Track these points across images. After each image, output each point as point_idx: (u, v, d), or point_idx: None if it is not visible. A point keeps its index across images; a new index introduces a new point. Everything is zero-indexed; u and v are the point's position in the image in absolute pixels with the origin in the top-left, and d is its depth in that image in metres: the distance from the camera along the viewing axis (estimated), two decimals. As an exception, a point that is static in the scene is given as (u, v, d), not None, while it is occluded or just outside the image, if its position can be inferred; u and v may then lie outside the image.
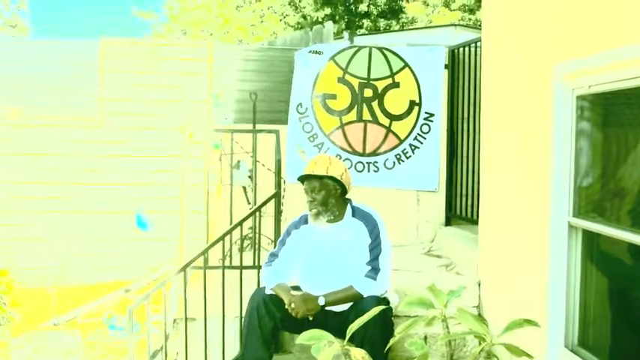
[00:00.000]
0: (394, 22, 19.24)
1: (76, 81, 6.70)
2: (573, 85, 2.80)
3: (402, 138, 5.50)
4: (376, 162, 5.51)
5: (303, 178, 3.56)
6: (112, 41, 6.53)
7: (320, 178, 3.48)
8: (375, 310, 2.51)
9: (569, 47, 2.79)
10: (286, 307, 3.35)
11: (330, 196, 3.49)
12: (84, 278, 6.46)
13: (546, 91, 2.96)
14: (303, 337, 2.31)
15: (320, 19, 17.92)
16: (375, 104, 5.49)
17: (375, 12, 18.91)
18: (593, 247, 2.78)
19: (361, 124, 5.51)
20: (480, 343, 2.42)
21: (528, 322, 2.39)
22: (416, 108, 5.49)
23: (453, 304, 2.69)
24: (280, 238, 3.74)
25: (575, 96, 2.81)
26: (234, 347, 3.80)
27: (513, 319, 2.49)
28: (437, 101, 5.48)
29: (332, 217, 3.52)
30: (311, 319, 3.32)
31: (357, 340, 2.93)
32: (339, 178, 3.49)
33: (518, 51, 3.49)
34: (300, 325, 3.23)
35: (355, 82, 5.51)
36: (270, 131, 4.25)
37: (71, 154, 6.42)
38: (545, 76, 2.98)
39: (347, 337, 2.34)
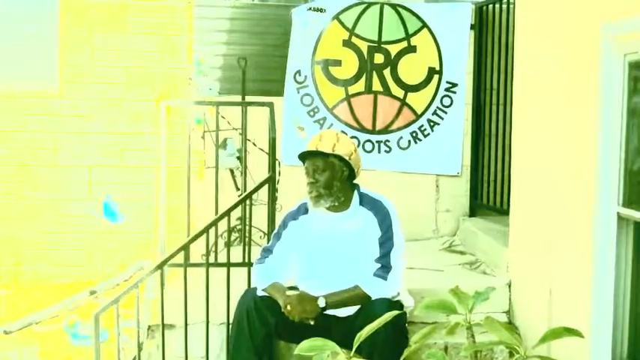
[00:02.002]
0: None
1: (29, 42, 6.66)
2: (625, 50, 2.78)
3: (419, 113, 5.50)
4: (388, 141, 5.50)
5: (304, 156, 3.55)
6: (74, -5, 6.47)
7: (325, 156, 3.47)
8: (387, 315, 2.51)
9: (621, 2, 2.77)
10: (282, 310, 3.36)
11: (336, 178, 3.48)
12: (41, 278, 6.46)
13: (592, 56, 2.94)
14: (303, 347, 2.31)
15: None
16: (387, 72, 5.49)
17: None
18: (648, 243, 2.78)
19: (370, 96, 5.51)
20: (510, 355, 2.42)
21: (569, 331, 2.39)
22: (435, 77, 5.49)
23: (479, 308, 2.69)
24: (275, 231, 3.74)
25: (628, 62, 2.79)
26: (220, 358, 3.81)
27: (551, 327, 2.49)
28: (461, 69, 5.47)
29: (336, 204, 3.52)
30: (312, 323, 3.33)
31: (365, 350, 2.93)
32: (346, 158, 3.48)
33: (558, 7, 3.47)
34: (298, 332, 3.23)
35: (364, 46, 5.50)
36: (262, 104, 4.24)
37: (24, 130, 6.38)
38: (591, 38, 2.96)
39: (354, 347, 2.34)
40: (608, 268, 2.86)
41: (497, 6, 5.23)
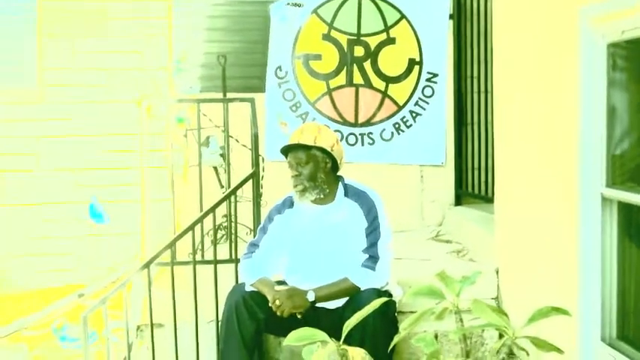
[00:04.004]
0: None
1: (8, 46, 6.60)
2: (604, 31, 2.77)
3: (401, 104, 5.50)
4: (371, 133, 5.50)
5: (286, 150, 3.54)
6: (51, -2, 6.42)
7: (307, 148, 3.46)
8: (376, 302, 2.49)
9: (598, -15, 2.77)
10: (270, 305, 3.34)
11: (319, 170, 3.48)
12: (29, 283, 6.41)
13: (571, 38, 2.94)
14: (292, 338, 2.29)
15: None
16: (367, 65, 5.48)
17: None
18: (632, 223, 2.77)
19: (352, 89, 5.50)
20: (500, 337, 2.41)
21: (557, 310, 2.38)
22: (416, 67, 5.49)
23: (467, 296, 2.68)
24: (261, 226, 3.73)
25: (607, 44, 2.78)
26: (210, 356, 3.78)
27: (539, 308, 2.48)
28: (441, 59, 5.48)
29: (321, 196, 3.51)
30: (300, 317, 3.32)
31: (355, 339, 2.92)
32: (329, 150, 3.48)
33: (536, -7, 3.47)
34: (288, 326, 3.19)
35: (343, 39, 5.50)
36: (243, 100, 4.22)
37: (6, 136, 6.33)
38: (569, 21, 2.95)
39: (343, 336, 2.32)
40: (593, 248, 2.86)
41: (475, -6, 5.23)
